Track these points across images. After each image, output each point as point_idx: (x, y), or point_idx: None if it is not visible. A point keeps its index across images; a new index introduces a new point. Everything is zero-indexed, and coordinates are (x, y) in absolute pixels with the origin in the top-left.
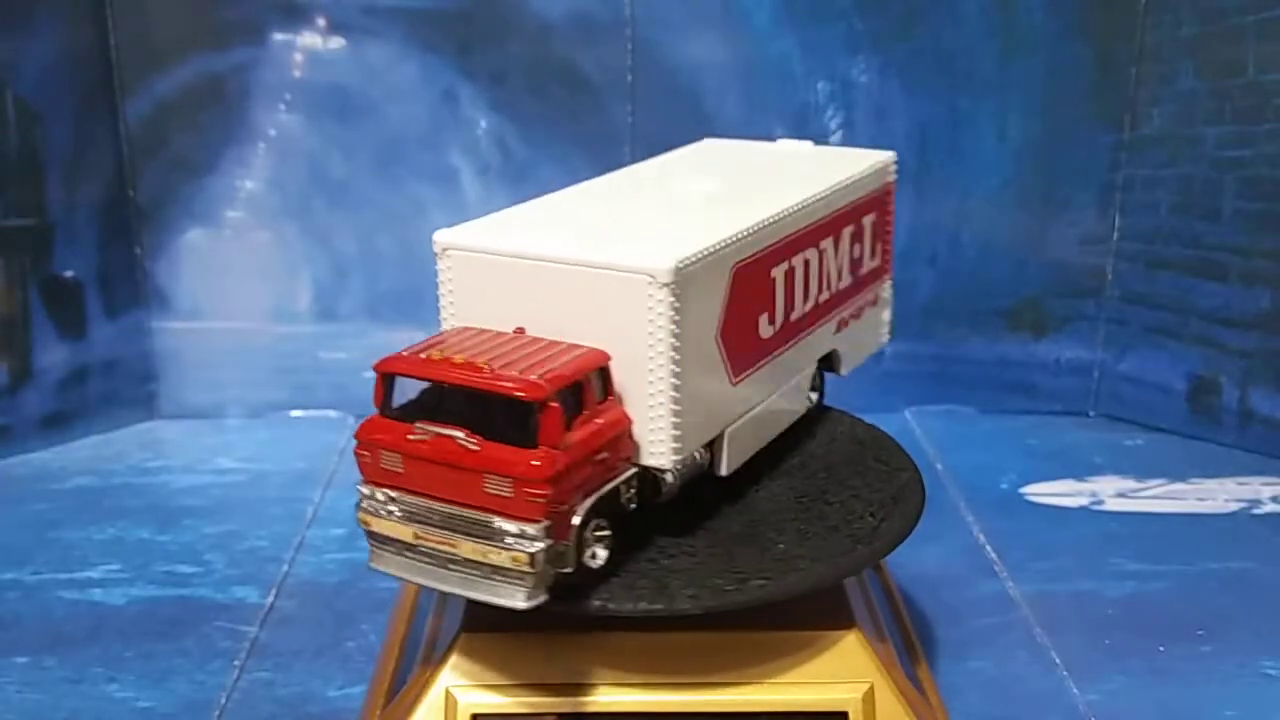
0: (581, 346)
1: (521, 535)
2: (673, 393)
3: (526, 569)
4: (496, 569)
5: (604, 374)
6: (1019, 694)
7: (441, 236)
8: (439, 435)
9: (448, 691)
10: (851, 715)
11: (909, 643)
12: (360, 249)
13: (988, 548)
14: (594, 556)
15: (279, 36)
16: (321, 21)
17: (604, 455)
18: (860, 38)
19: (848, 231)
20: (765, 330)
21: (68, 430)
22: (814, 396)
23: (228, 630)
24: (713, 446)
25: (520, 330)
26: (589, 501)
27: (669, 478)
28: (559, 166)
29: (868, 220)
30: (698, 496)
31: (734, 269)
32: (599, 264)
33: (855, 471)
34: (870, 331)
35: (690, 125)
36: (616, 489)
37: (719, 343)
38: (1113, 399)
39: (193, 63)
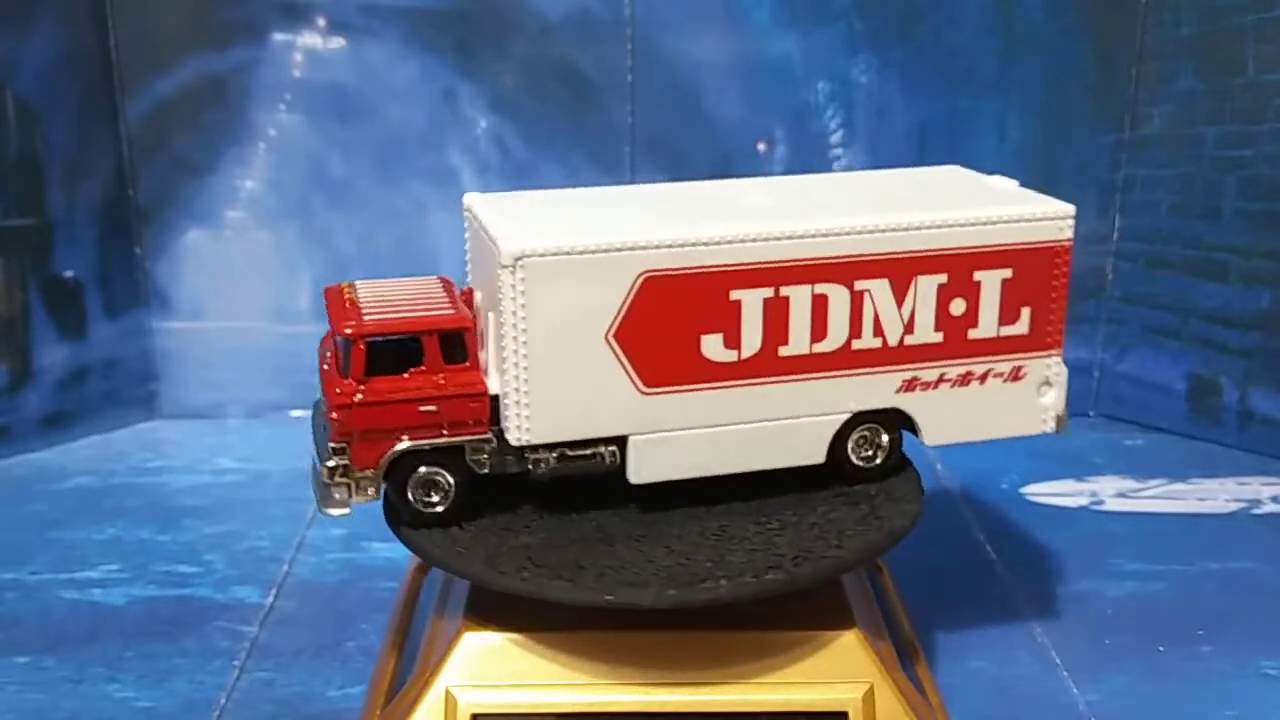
0: (452, 309)
1: (330, 451)
2: (522, 373)
3: (325, 480)
4: (322, 481)
5: (453, 337)
6: (1019, 694)
7: (467, 198)
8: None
9: (448, 691)
10: (851, 715)
11: (909, 643)
12: (360, 249)
13: (988, 548)
14: (425, 502)
15: (279, 36)
16: (321, 21)
17: (433, 409)
18: (860, 38)
19: (933, 280)
20: (718, 353)
21: (68, 430)
22: (860, 455)
23: (228, 630)
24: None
25: (459, 288)
26: (407, 444)
27: (547, 463)
28: (559, 166)
29: (990, 275)
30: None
31: (642, 276)
32: (493, 237)
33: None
34: (1002, 409)
35: (690, 125)
36: (460, 448)
37: (612, 343)
38: (1113, 399)
39: (193, 63)
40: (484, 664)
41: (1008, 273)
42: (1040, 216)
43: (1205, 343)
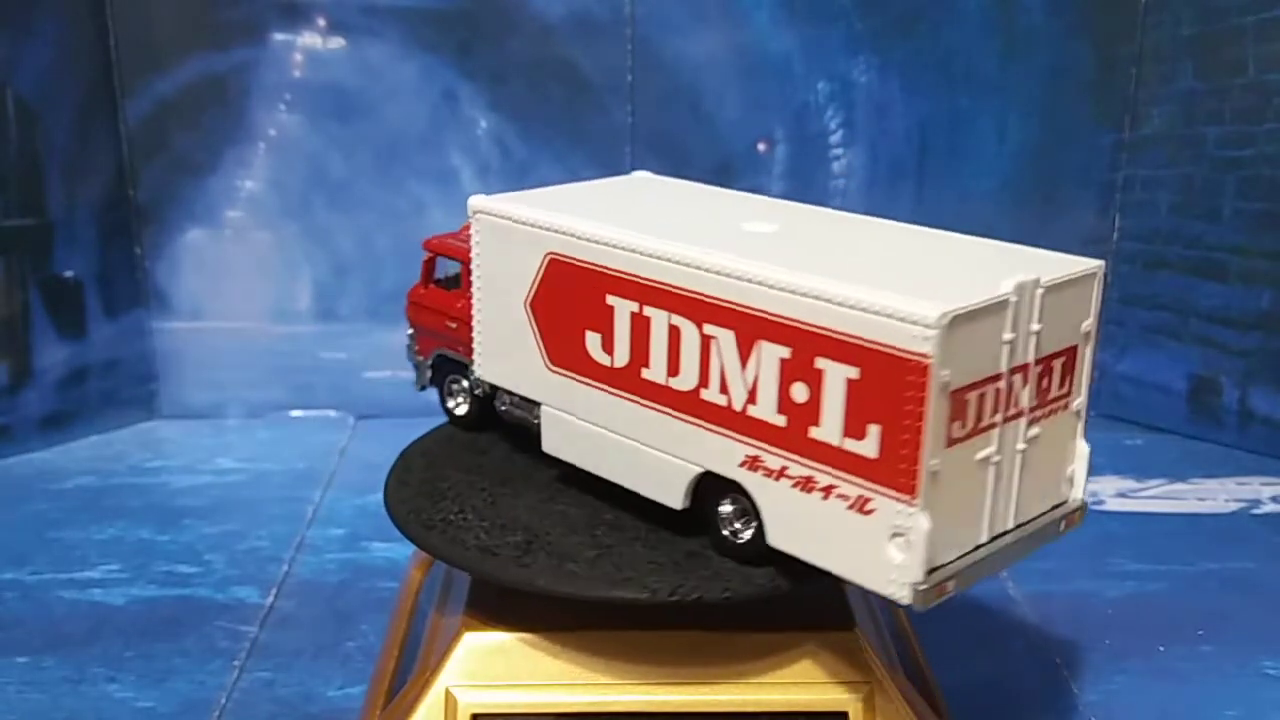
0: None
1: (407, 335)
2: (477, 313)
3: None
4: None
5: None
6: (1019, 694)
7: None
8: None
9: (448, 691)
10: (851, 715)
11: (909, 643)
12: (360, 249)
13: None
14: (454, 406)
15: (279, 36)
16: (321, 21)
17: (453, 325)
18: (860, 38)
19: (775, 351)
20: (598, 354)
21: (68, 430)
22: (728, 526)
23: (228, 630)
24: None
25: None
26: (437, 349)
27: (508, 404)
28: (559, 166)
29: (833, 367)
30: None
31: (548, 256)
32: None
33: None
34: (843, 540)
35: (690, 125)
36: (464, 365)
37: (528, 310)
38: (1113, 399)
39: (193, 63)
40: (484, 664)
41: (854, 372)
42: (890, 313)
43: (1205, 343)
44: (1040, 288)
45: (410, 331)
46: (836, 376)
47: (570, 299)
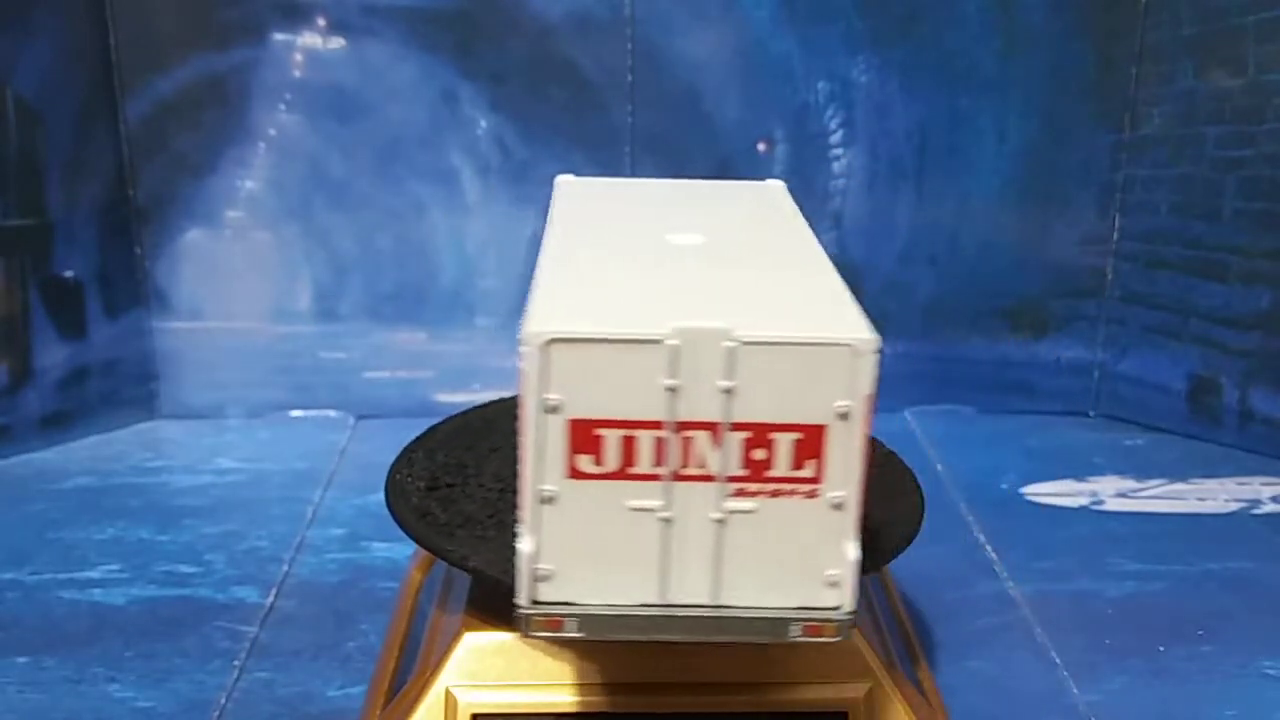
0: None
1: None
2: None
3: None
4: None
5: None
6: (1019, 694)
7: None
8: None
9: (448, 691)
10: (851, 715)
11: (909, 643)
12: (360, 249)
13: (988, 548)
14: None
15: (279, 36)
16: (321, 21)
17: None
18: (860, 38)
19: None
20: None
21: (68, 430)
22: None
23: (228, 630)
24: None
25: None
26: None
27: None
28: (559, 166)
29: None
30: None
31: None
32: None
33: None
34: None
35: (690, 125)
36: None
37: None
38: (1113, 399)
39: (193, 63)
40: (484, 664)
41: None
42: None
43: (1205, 343)
44: (733, 341)
45: None
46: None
47: None
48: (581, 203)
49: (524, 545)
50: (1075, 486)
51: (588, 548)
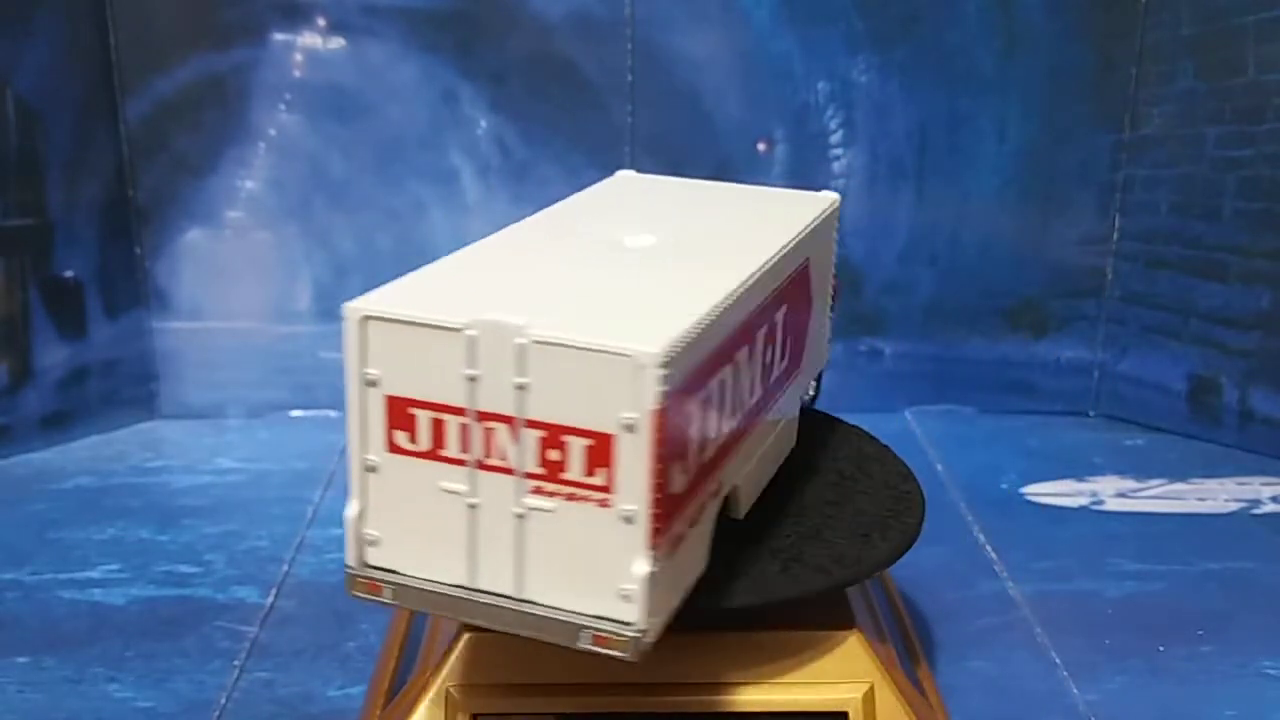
0: None
1: None
2: None
3: None
4: None
5: None
6: (1019, 694)
7: None
8: None
9: (448, 691)
10: (851, 715)
11: (909, 643)
12: (360, 249)
13: (988, 548)
14: None
15: (279, 36)
16: (321, 21)
17: None
18: (860, 38)
19: None
20: None
21: (68, 430)
22: None
23: (228, 630)
24: None
25: None
26: None
27: None
28: (559, 166)
29: None
30: None
31: None
32: None
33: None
34: None
35: (690, 125)
36: None
37: None
38: (1113, 399)
39: (193, 63)
40: (484, 664)
41: None
42: None
43: (1205, 343)
44: (524, 339)
45: None
46: None
47: None
48: (596, 196)
49: (349, 509)
50: (1075, 486)
51: (407, 521)
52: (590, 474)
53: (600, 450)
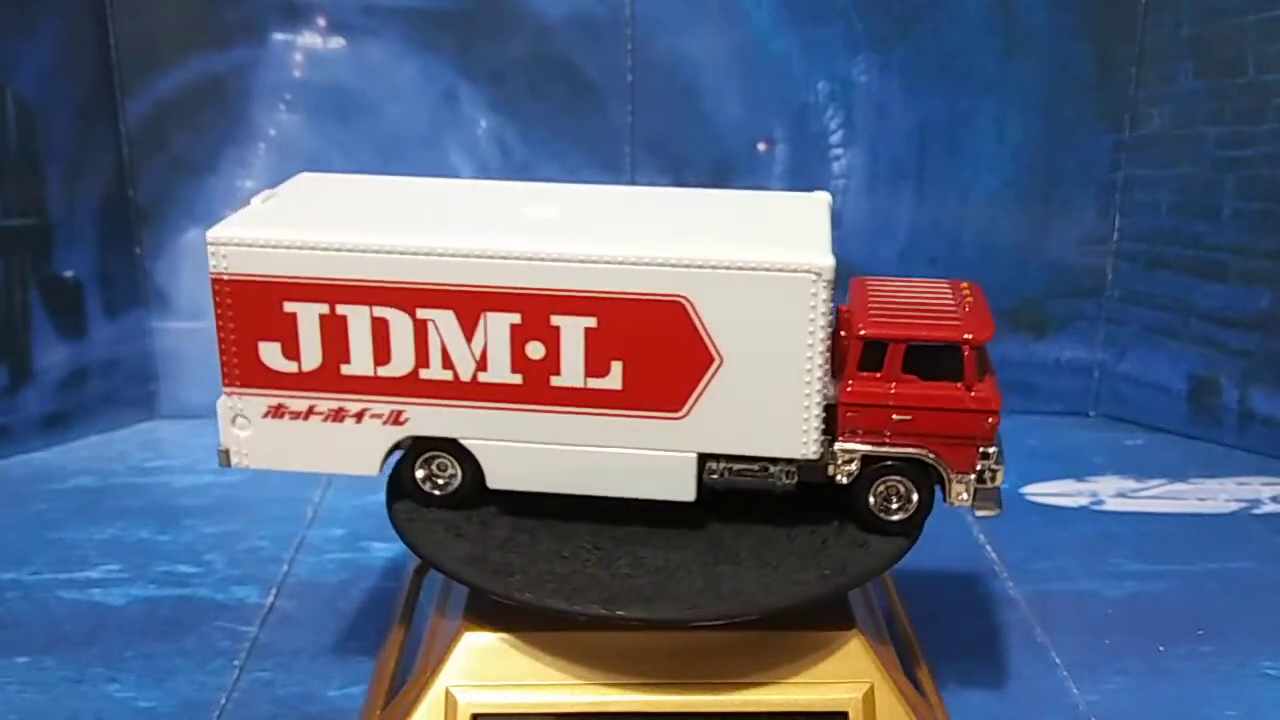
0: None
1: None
2: None
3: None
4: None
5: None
6: (1019, 694)
7: None
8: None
9: (448, 691)
10: (851, 715)
11: (909, 643)
12: None
13: (988, 548)
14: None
15: (279, 36)
16: (321, 21)
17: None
18: (860, 38)
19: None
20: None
21: (68, 430)
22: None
23: (228, 630)
24: None
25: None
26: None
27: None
28: (559, 166)
29: None
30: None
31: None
32: None
33: None
34: None
35: (690, 125)
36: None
37: None
38: (1113, 399)
39: (193, 63)
40: (484, 664)
41: None
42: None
43: (1205, 343)
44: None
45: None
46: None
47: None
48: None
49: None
50: (1075, 486)
51: None
52: None
53: None
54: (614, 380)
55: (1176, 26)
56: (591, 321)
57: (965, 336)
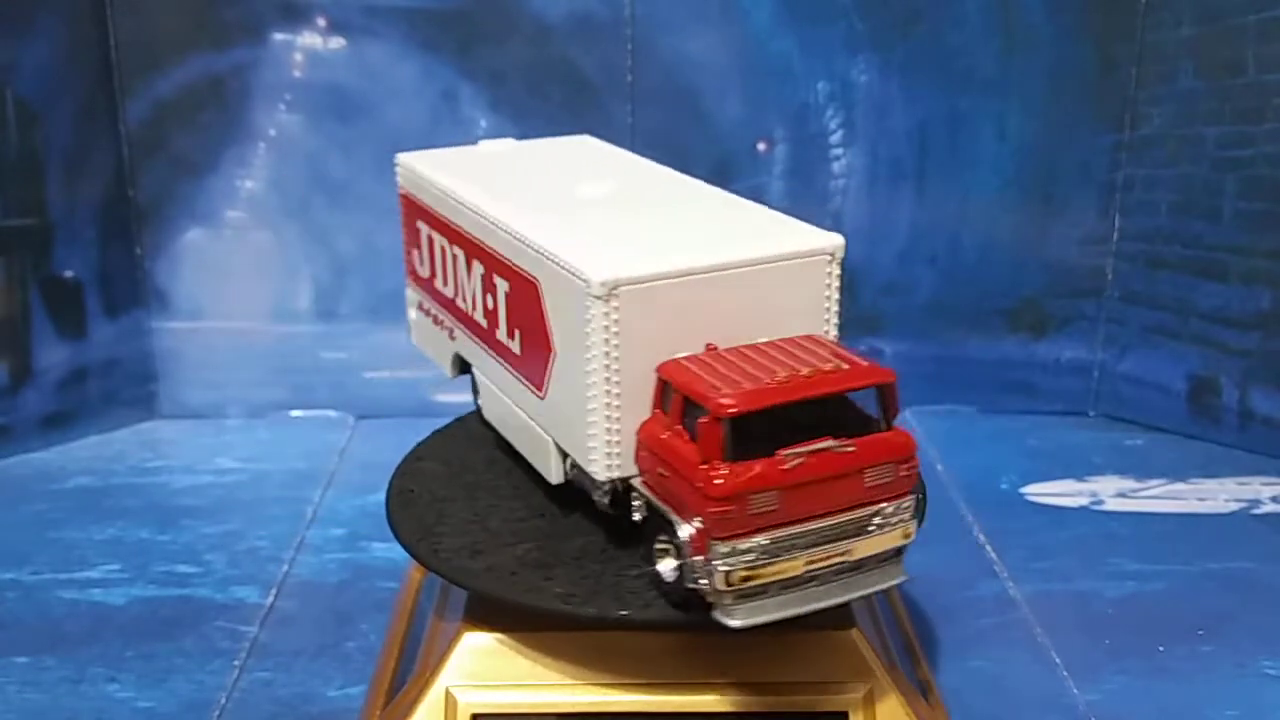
0: None
1: (901, 511)
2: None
3: (906, 540)
4: (882, 555)
5: None
6: (1019, 694)
7: None
8: (815, 453)
9: (448, 691)
10: (851, 715)
11: (909, 643)
12: (360, 249)
13: (988, 548)
14: None
15: (279, 36)
16: (321, 21)
17: None
18: (860, 38)
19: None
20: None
21: (68, 430)
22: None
23: (228, 630)
24: None
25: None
26: None
27: None
28: None
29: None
30: None
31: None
32: None
33: None
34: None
35: (690, 125)
36: None
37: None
38: (1113, 399)
39: (193, 63)
40: (484, 664)
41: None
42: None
43: (1205, 343)
44: None
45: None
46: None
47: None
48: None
49: None
50: (1075, 486)
51: None
52: None
53: None
54: (516, 345)
55: (1176, 26)
56: (507, 286)
57: (721, 402)
